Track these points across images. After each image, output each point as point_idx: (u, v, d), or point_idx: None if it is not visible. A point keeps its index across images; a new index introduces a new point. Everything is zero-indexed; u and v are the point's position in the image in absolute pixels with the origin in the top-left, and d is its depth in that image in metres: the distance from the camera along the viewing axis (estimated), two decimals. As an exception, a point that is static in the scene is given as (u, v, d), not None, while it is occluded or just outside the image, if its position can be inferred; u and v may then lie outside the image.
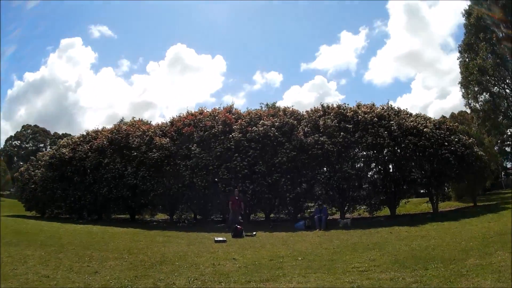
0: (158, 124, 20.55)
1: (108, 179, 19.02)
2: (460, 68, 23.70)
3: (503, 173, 40.53)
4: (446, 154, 17.25)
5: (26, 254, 7.34)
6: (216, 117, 18.67)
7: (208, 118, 18.76)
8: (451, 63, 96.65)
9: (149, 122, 23.57)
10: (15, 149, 48.65)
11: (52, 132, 55.17)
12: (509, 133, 29.92)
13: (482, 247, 7.17)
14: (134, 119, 21.57)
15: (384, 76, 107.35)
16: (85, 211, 20.67)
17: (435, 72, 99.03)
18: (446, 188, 22.09)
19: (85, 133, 21.89)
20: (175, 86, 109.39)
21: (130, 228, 15.16)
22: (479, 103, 23.33)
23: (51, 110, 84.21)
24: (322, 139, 16.90)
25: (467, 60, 23.50)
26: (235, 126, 17.97)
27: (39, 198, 21.27)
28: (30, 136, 51.22)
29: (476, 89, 21.92)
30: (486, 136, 26.10)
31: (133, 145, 18.99)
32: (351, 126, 17.41)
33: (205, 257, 7.40)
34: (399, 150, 17.69)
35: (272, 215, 19.71)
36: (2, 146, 50.30)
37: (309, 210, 18.55)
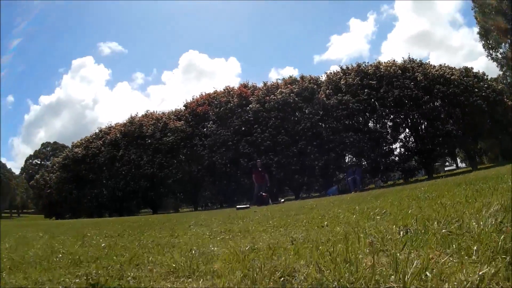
0: (172, 111, 19.71)
1: (124, 172, 18.12)
2: (476, 18, 22.38)
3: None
4: (478, 101, 16.03)
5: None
6: (231, 92, 17.77)
7: (222, 95, 17.87)
8: (462, 39, 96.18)
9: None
10: (36, 167, 47.61)
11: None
12: None
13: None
14: (148, 111, 20.69)
15: (397, 59, 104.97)
16: (104, 209, 19.73)
17: (447, 49, 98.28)
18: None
19: (98, 131, 21.11)
20: (192, 93, 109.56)
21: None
22: (501, 53, 21.76)
23: (70, 129, 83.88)
24: (345, 98, 15.83)
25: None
26: (251, 98, 17.02)
27: (55, 202, 20.47)
28: (50, 153, 50.01)
29: (495, 34, 20.47)
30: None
31: (147, 134, 18.18)
32: (374, 82, 16.31)
33: (227, 216, 5.66)
34: (428, 102, 16.50)
35: (302, 195, 18.34)
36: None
37: (340, 183, 17.20)
